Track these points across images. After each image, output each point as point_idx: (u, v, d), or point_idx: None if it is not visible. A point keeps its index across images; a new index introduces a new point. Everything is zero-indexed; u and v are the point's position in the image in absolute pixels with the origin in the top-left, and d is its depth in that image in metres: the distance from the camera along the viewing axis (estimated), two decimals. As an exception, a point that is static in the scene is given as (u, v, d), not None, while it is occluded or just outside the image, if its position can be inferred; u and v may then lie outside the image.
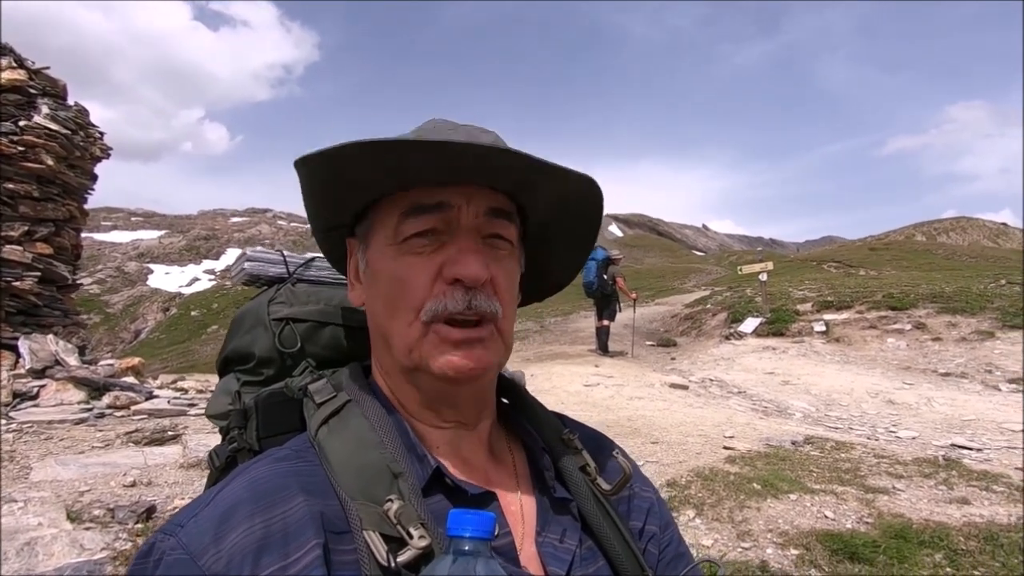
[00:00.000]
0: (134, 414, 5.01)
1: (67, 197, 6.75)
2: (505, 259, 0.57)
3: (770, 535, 2.76)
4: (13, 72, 6.25)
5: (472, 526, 0.43)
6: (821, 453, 4.19)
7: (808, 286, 13.98)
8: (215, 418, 0.75)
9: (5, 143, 6.01)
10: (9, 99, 6.23)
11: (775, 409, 6.42)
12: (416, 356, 0.53)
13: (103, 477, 3.29)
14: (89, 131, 7.16)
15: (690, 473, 3.56)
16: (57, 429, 4.34)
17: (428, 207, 0.53)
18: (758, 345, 9.97)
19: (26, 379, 5.37)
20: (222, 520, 0.45)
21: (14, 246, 6.02)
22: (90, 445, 3.96)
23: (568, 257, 0.69)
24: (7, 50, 6.40)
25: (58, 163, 6.47)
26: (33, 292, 6.13)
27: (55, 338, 6.05)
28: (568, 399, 6.29)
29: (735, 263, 28.10)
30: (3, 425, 4.33)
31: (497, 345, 0.55)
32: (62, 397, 5.18)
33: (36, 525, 2.56)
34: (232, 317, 0.81)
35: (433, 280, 0.53)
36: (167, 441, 4.10)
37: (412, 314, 0.53)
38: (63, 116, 6.58)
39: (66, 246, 6.77)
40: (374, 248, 0.57)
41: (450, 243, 0.54)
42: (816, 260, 30.18)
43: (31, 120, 6.25)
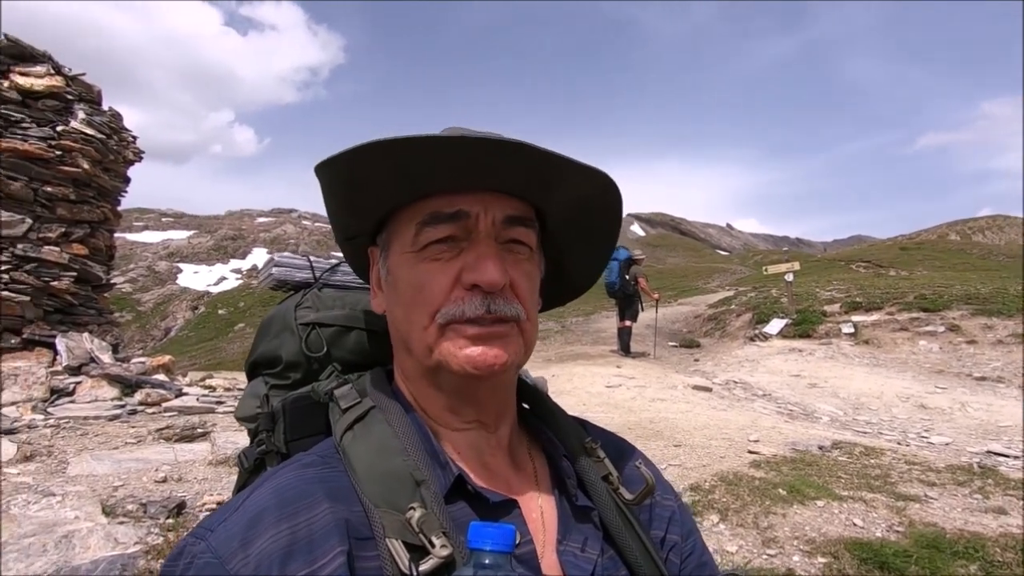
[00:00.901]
0: (164, 411, 5.14)
1: (102, 199, 6.95)
2: (524, 262, 0.58)
3: (796, 542, 2.71)
4: (51, 79, 6.45)
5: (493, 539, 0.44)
6: (849, 458, 4.10)
7: (836, 287, 13.67)
8: (244, 420, 0.76)
9: (44, 148, 6.21)
10: (47, 105, 6.44)
11: (801, 412, 6.30)
12: (436, 355, 0.54)
13: (136, 472, 3.39)
14: (122, 135, 7.36)
15: (714, 477, 3.52)
16: (92, 425, 4.48)
17: (446, 216, 0.54)
18: (784, 347, 9.79)
19: (63, 376, 5.55)
20: (250, 526, 0.46)
21: (52, 247, 6.22)
22: (123, 441, 4.07)
23: (589, 260, 0.69)
24: (45, 57, 6.61)
25: (93, 167, 6.67)
26: (70, 292, 6.33)
27: (90, 336, 6.24)
28: (589, 400, 6.26)
29: (760, 263, 27.62)
30: (42, 421, 4.49)
31: (517, 343, 0.56)
32: (96, 394, 5.34)
33: (73, 518, 2.64)
34: (260, 321, 0.83)
35: (452, 286, 0.54)
36: (196, 438, 4.20)
37: (428, 318, 0.54)
38: (98, 121, 6.78)
39: (100, 247, 6.97)
40: (393, 256, 0.58)
41: (468, 249, 0.54)
42: (844, 260, 29.47)
43: (68, 125, 6.45)
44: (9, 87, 6.23)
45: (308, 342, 0.72)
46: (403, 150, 0.50)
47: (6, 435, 3.96)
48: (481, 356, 0.53)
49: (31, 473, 3.29)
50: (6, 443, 3.70)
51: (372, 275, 0.65)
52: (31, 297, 5.97)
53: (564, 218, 0.62)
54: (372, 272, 0.65)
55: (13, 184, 6.00)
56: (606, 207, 0.62)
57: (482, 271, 0.52)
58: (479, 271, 0.52)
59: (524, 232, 0.57)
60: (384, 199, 0.56)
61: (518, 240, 0.57)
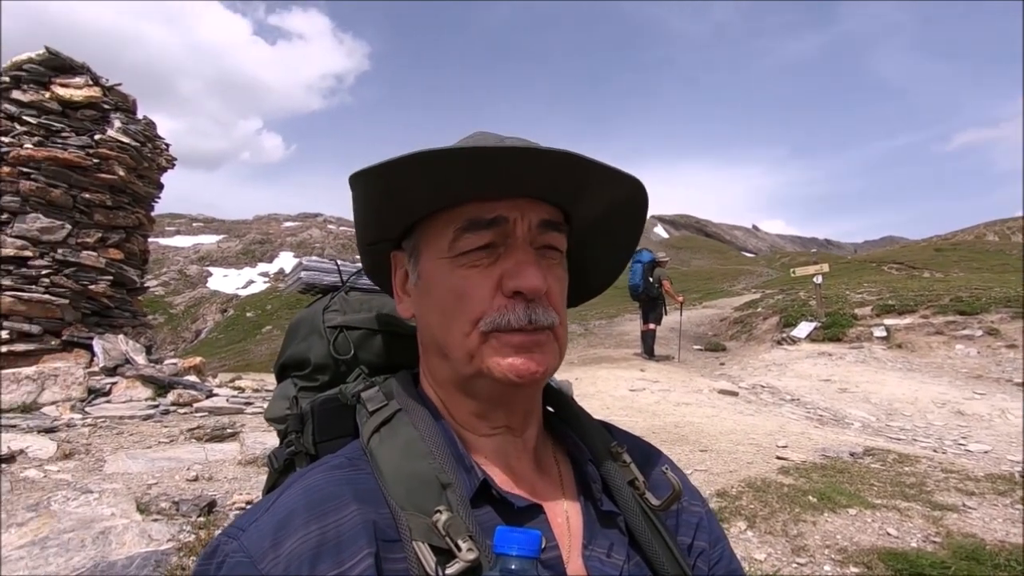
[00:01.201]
0: (196, 411, 5.27)
1: (136, 205, 7.17)
2: (556, 268, 0.58)
3: (827, 551, 2.65)
4: (89, 89, 6.69)
5: (519, 544, 0.44)
6: (883, 466, 3.98)
7: (867, 289, 13.33)
8: (274, 421, 0.77)
9: (82, 156, 6.44)
10: (86, 115, 6.68)
11: (831, 418, 6.16)
12: (478, 362, 0.54)
13: (168, 471, 3.48)
14: (156, 143, 7.58)
15: (741, 483, 3.46)
16: (127, 424, 4.62)
17: (485, 222, 0.54)
18: (813, 351, 9.58)
19: (99, 376, 5.73)
20: (280, 526, 0.47)
21: (90, 252, 6.44)
22: (156, 440, 4.18)
23: (609, 261, 0.69)
24: (84, 69, 6.86)
25: (128, 174, 6.88)
26: (106, 295, 6.54)
27: (125, 338, 6.43)
28: (613, 404, 6.22)
29: (787, 265, 27.09)
30: (80, 420, 4.64)
31: (554, 350, 0.56)
32: (131, 394, 5.50)
33: (109, 515, 2.73)
34: (288, 324, 0.84)
35: (493, 293, 0.54)
36: (226, 438, 4.29)
37: (470, 325, 0.54)
38: (133, 129, 7.00)
39: (135, 251, 7.18)
40: (426, 261, 0.58)
41: (506, 255, 0.54)
42: (876, 261, 28.71)
43: (105, 134, 6.67)
44: (50, 98, 6.48)
45: (336, 345, 0.73)
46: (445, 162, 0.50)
47: (47, 433, 4.10)
48: (524, 365, 0.53)
49: (70, 471, 3.40)
50: (47, 441, 3.83)
51: (395, 279, 0.65)
52: (70, 300, 6.18)
53: (589, 220, 0.62)
54: (395, 276, 0.65)
55: (54, 191, 6.23)
56: (632, 211, 0.62)
57: (524, 277, 0.52)
58: (521, 277, 0.53)
59: (557, 237, 0.57)
60: (419, 208, 0.57)
61: (551, 245, 0.57)
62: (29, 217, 6.10)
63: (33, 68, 6.50)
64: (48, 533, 2.50)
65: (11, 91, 6.43)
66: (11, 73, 6.48)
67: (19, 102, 6.38)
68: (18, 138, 6.26)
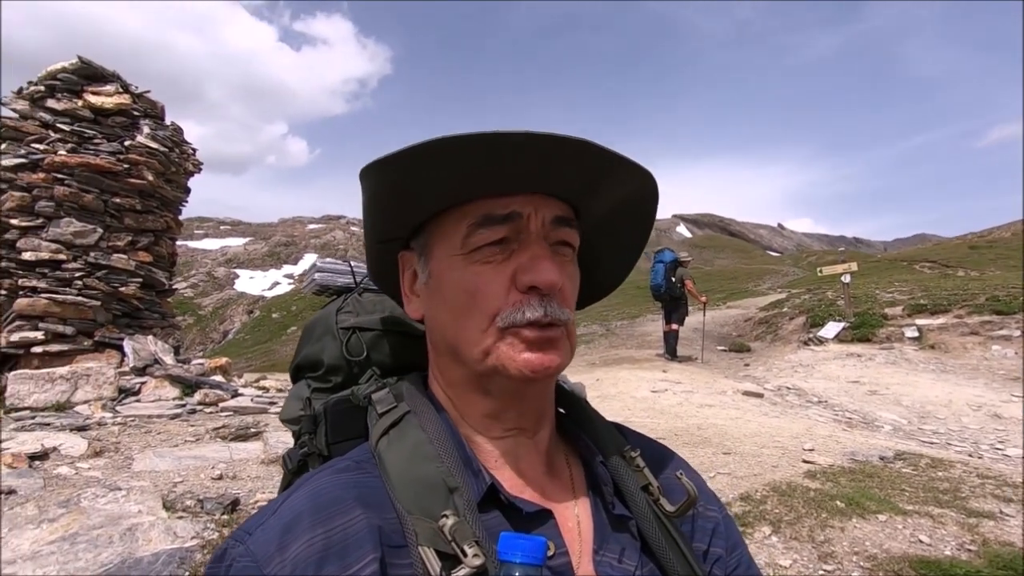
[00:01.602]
0: (221, 411, 5.37)
1: (164, 209, 7.35)
2: (568, 265, 0.57)
3: (856, 558, 2.57)
4: (119, 97, 6.88)
5: (523, 552, 0.43)
6: (914, 470, 3.86)
7: (898, 288, 12.97)
8: (288, 422, 0.78)
9: (113, 162, 6.62)
10: (116, 121, 6.87)
11: (861, 420, 6.00)
12: (493, 360, 0.53)
13: (194, 470, 3.54)
14: (183, 148, 7.76)
15: (766, 487, 3.38)
16: (155, 423, 4.72)
17: (500, 217, 0.53)
18: (841, 351, 9.35)
19: (129, 376, 5.88)
20: (286, 530, 0.47)
21: (120, 255, 6.62)
22: (183, 439, 4.27)
23: (618, 260, 0.68)
24: (114, 77, 7.06)
25: (157, 178, 7.06)
26: (136, 297, 6.71)
27: (154, 339, 6.59)
28: (635, 405, 6.15)
29: (814, 264, 26.52)
30: (110, 418, 4.76)
31: (566, 346, 0.55)
32: (159, 393, 5.63)
33: (136, 512, 2.79)
34: (303, 326, 0.85)
35: (508, 288, 0.53)
36: (250, 437, 4.36)
37: (487, 322, 0.53)
38: (161, 135, 7.18)
39: (163, 254, 7.36)
40: (437, 259, 0.57)
41: (520, 250, 0.54)
42: (907, 260, 27.94)
43: (134, 140, 6.86)
44: (82, 106, 6.68)
45: (349, 346, 0.73)
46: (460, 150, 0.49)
47: (79, 432, 4.22)
48: (539, 360, 0.52)
49: (100, 468, 3.49)
50: (78, 439, 3.94)
51: (404, 281, 0.64)
52: (102, 302, 6.36)
53: (599, 218, 0.61)
54: (404, 277, 0.64)
55: (86, 196, 6.42)
56: (643, 208, 0.61)
57: (539, 271, 0.52)
58: (536, 271, 0.52)
59: (570, 233, 0.56)
60: (430, 203, 0.56)
61: (564, 242, 0.56)
62: (63, 221, 6.30)
63: (66, 77, 6.71)
64: (78, 529, 2.56)
65: (46, 100, 6.65)
66: (46, 82, 6.70)
67: (53, 110, 6.59)
68: (52, 145, 6.46)
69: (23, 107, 6.62)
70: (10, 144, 6.50)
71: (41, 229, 6.27)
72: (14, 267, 6.15)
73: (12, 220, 6.20)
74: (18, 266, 6.15)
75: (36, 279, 6.11)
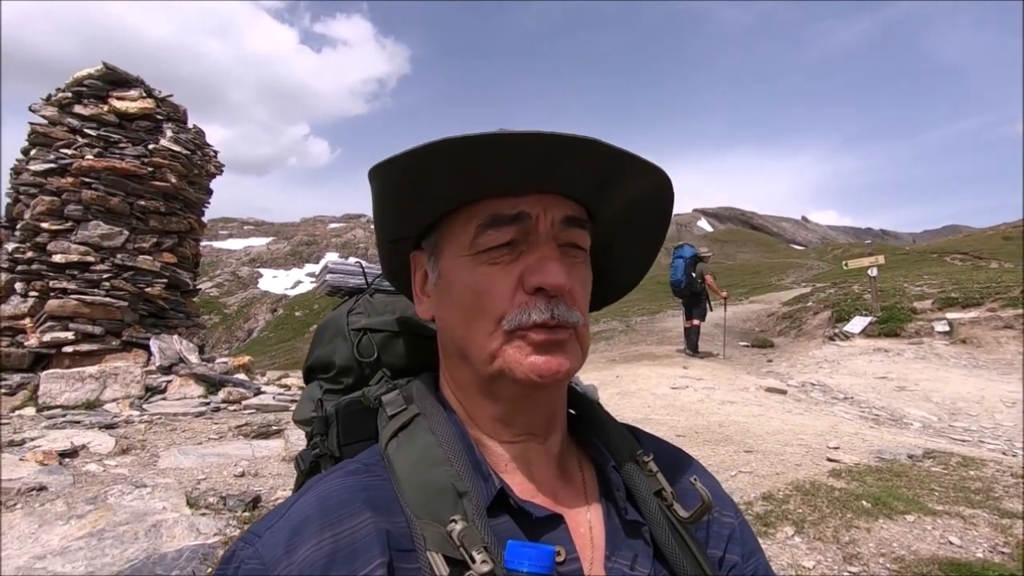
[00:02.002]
0: (244, 408, 5.47)
1: (188, 211, 7.49)
2: (579, 266, 0.56)
3: (882, 560, 2.51)
4: (143, 101, 7.02)
5: (530, 560, 0.43)
6: (944, 469, 3.75)
7: (927, 281, 12.64)
8: (301, 423, 0.78)
9: (138, 165, 6.77)
10: (140, 125, 7.01)
11: (888, 418, 5.85)
12: (499, 364, 0.53)
13: (217, 467, 3.61)
14: (205, 150, 7.90)
15: (788, 486, 3.32)
16: (180, 421, 4.82)
17: (507, 218, 0.52)
18: (868, 347, 9.15)
19: (156, 375, 6.02)
20: (294, 533, 0.47)
21: (146, 256, 6.77)
22: (207, 436, 4.35)
23: (635, 259, 0.66)
24: (138, 82, 7.20)
25: (180, 181, 7.20)
26: (161, 297, 6.86)
27: (179, 338, 6.73)
28: (654, 402, 6.10)
29: (840, 257, 25.98)
30: (137, 416, 4.88)
31: (576, 350, 0.54)
32: (185, 392, 5.75)
33: (161, 509, 2.85)
34: (316, 328, 0.85)
35: (514, 290, 0.52)
36: (271, 435, 4.43)
37: (493, 324, 0.52)
38: (184, 138, 7.31)
39: (187, 255, 7.51)
40: (446, 260, 0.56)
41: (528, 252, 0.53)
42: (937, 252, 27.17)
43: (158, 143, 7.00)
44: (108, 111, 6.84)
45: (359, 347, 0.73)
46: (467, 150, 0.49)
47: (107, 429, 4.33)
48: (546, 364, 0.51)
49: (127, 465, 3.58)
50: (106, 437, 4.04)
51: (415, 280, 0.63)
52: (129, 302, 6.51)
53: (612, 217, 0.60)
54: (415, 277, 0.63)
55: (112, 199, 6.57)
56: (658, 206, 0.60)
57: (546, 273, 0.51)
58: (543, 273, 0.51)
59: (580, 234, 0.55)
60: (440, 203, 0.55)
61: (575, 244, 0.55)
62: (91, 224, 6.46)
63: (92, 83, 6.87)
64: (105, 525, 2.63)
65: (73, 106, 6.81)
66: (73, 89, 6.87)
67: (80, 116, 6.76)
68: (80, 150, 6.63)
69: (52, 113, 6.80)
70: (40, 150, 6.69)
71: (70, 232, 6.44)
72: (45, 269, 6.33)
73: (43, 224, 6.37)
74: (49, 268, 6.33)
75: (66, 281, 6.27)
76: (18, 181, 6.67)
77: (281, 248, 65.04)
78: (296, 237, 68.39)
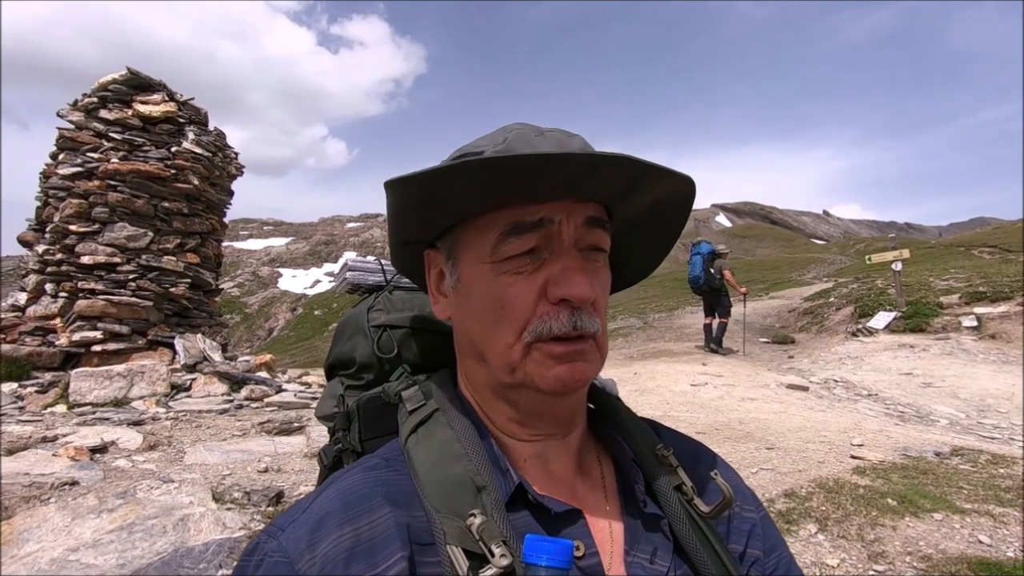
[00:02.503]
0: (266, 406, 5.55)
1: (210, 212, 7.63)
2: (601, 270, 0.56)
3: (909, 558, 2.46)
4: (165, 105, 7.16)
5: (548, 555, 0.43)
6: (973, 467, 3.67)
7: (954, 275, 12.34)
8: (323, 419, 0.79)
9: (161, 167, 6.90)
10: (163, 128, 7.15)
11: (914, 414, 5.74)
12: (520, 375, 0.53)
13: (241, 463, 3.68)
14: (226, 152, 8.03)
15: (811, 484, 3.27)
16: (205, 418, 4.92)
17: (529, 225, 0.52)
18: (892, 342, 8.97)
19: (181, 373, 6.14)
20: (316, 527, 0.47)
21: (170, 257, 6.91)
22: (231, 433, 4.43)
23: (647, 255, 0.66)
24: (160, 86, 7.35)
25: (202, 182, 7.32)
26: (185, 296, 7.00)
27: (203, 337, 6.86)
28: (673, 399, 6.05)
29: (863, 252, 25.47)
30: (163, 413, 4.99)
31: (595, 357, 0.54)
32: (209, 389, 5.86)
33: (188, 503, 2.91)
34: (336, 325, 0.86)
35: (537, 300, 0.52)
36: (293, 431, 4.49)
37: (514, 336, 0.52)
38: (205, 140, 7.43)
39: (210, 255, 7.64)
40: (465, 265, 0.56)
41: (551, 260, 0.52)
42: (964, 245, 26.48)
43: (180, 146, 7.13)
44: (132, 115, 6.98)
45: (379, 344, 0.73)
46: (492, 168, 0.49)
47: (134, 426, 4.43)
48: (569, 374, 0.52)
49: (154, 461, 3.66)
50: (134, 433, 4.14)
51: (430, 279, 0.63)
52: (154, 302, 6.66)
53: (631, 216, 0.59)
54: (430, 275, 0.63)
55: (137, 201, 6.72)
56: (678, 208, 0.60)
57: (571, 285, 0.51)
58: (568, 285, 0.51)
59: (602, 235, 0.55)
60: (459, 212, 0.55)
61: (596, 246, 0.55)
62: (117, 226, 6.61)
63: (117, 88, 7.03)
64: (134, 519, 2.69)
65: (98, 110, 6.98)
66: (98, 94, 7.03)
67: (105, 120, 6.92)
68: (105, 153, 6.79)
69: (78, 118, 6.97)
70: (68, 154, 6.86)
71: (97, 234, 6.60)
72: (74, 270, 6.50)
73: (71, 226, 6.54)
74: (77, 269, 6.50)
75: (94, 281, 6.43)
76: (47, 185, 6.86)
77: (300, 248, 65.84)
78: (314, 237, 69.16)
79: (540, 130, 0.56)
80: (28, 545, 2.52)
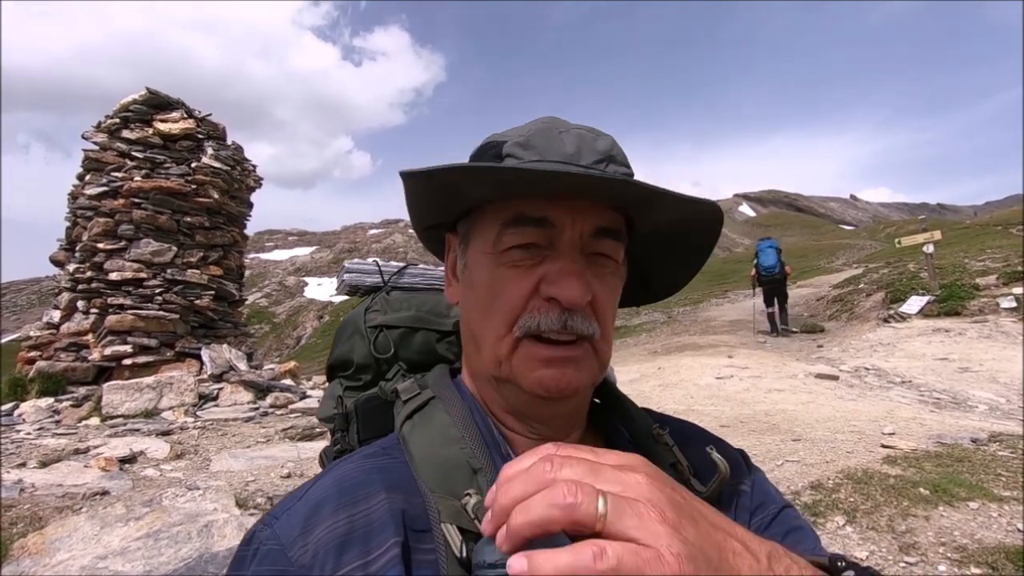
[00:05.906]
0: (290, 412, 5.64)
1: (230, 225, 7.79)
2: (608, 276, 0.55)
3: (943, 549, 2.37)
4: (184, 122, 7.34)
5: None
6: (1012, 453, 3.51)
7: (991, 255, 11.90)
8: (323, 421, 0.80)
9: (182, 183, 7.08)
10: (183, 145, 7.33)
11: (950, 401, 5.54)
12: (505, 369, 0.53)
13: (265, 469, 3.73)
14: (244, 165, 8.19)
15: (839, 474, 3.18)
16: (231, 426, 5.01)
17: (531, 220, 0.51)
18: (926, 327, 8.68)
19: (208, 383, 6.28)
20: (310, 515, 0.47)
21: (193, 270, 7.07)
22: (255, 440, 4.51)
23: (674, 272, 0.65)
24: (179, 104, 7.53)
25: (222, 196, 7.48)
26: (210, 308, 7.16)
27: (228, 347, 7.00)
28: (697, 393, 5.96)
29: (893, 235, 24.74)
30: (191, 423, 5.10)
31: (591, 364, 0.53)
32: (235, 398, 5.97)
33: (212, 510, 2.96)
34: (336, 327, 0.86)
35: (529, 295, 0.52)
36: (316, 437, 4.55)
37: (504, 328, 0.52)
38: (224, 155, 7.60)
39: (232, 267, 7.80)
40: (472, 252, 0.57)
41: (550, 258, 0.52)
42: (1001, 224, 25.50)
43: (200, 161, 7.29)
44: (153, 133, 7.17)
45: (376, 344, 0.74)
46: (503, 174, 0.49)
47: (163, 436, 4.54)
48: (553, 380, 0.51)
49: (181, 469, 3.74)
50: (162, 443, 4.24)
51: (447, 262, 0.64)
52: (180, 315, 6.82)
53: (656, 229, 0.58)
54: (447, 259, 0.64)
55: (160, 217, 6.89)
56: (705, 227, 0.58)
57: (563, 286, 0.50)
58: (560, 286, 0.50)
59: (612, 245, 0.54)
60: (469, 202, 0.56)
61: (605, 254, 0.54)
62: (142, 242, 6.80)
63: (137, 108, 7.23)
64: (160, 526, 2.75)
65: (121, 131, 7.19)
66: (120, 115, 7.24)
67: (128, 139, 7.12)
68: (129, 172, 6.99)
69: (102, 139, 7.19)
70: (94, 174, 7.09)
71: (124, 251, 6.79)
72: (103, 287, 6.70)
73: (99, 244, 6.75)
74: (106, 286, 6.70)
75: (122, 297, 6.62)
76: (75, 205, 7.09)
77: (324, 256, 66.91)
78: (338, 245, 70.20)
79: (567, 126, 0.55)
80: (59, 554, 2.60)
